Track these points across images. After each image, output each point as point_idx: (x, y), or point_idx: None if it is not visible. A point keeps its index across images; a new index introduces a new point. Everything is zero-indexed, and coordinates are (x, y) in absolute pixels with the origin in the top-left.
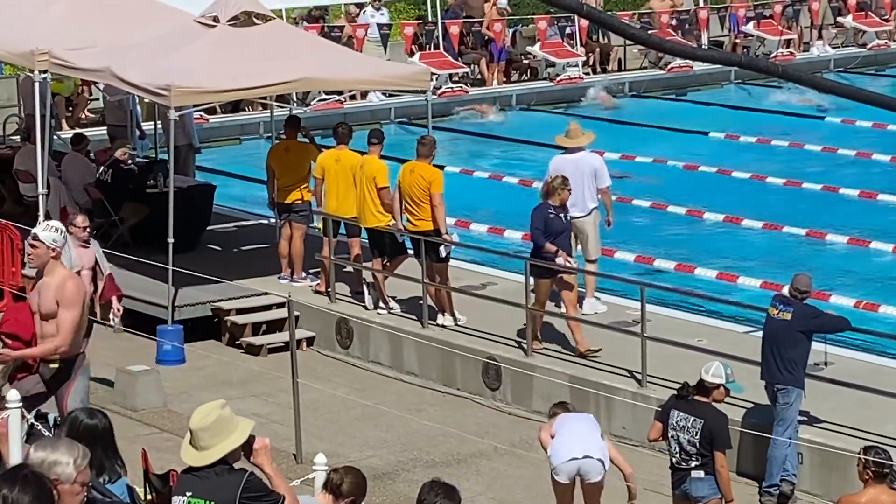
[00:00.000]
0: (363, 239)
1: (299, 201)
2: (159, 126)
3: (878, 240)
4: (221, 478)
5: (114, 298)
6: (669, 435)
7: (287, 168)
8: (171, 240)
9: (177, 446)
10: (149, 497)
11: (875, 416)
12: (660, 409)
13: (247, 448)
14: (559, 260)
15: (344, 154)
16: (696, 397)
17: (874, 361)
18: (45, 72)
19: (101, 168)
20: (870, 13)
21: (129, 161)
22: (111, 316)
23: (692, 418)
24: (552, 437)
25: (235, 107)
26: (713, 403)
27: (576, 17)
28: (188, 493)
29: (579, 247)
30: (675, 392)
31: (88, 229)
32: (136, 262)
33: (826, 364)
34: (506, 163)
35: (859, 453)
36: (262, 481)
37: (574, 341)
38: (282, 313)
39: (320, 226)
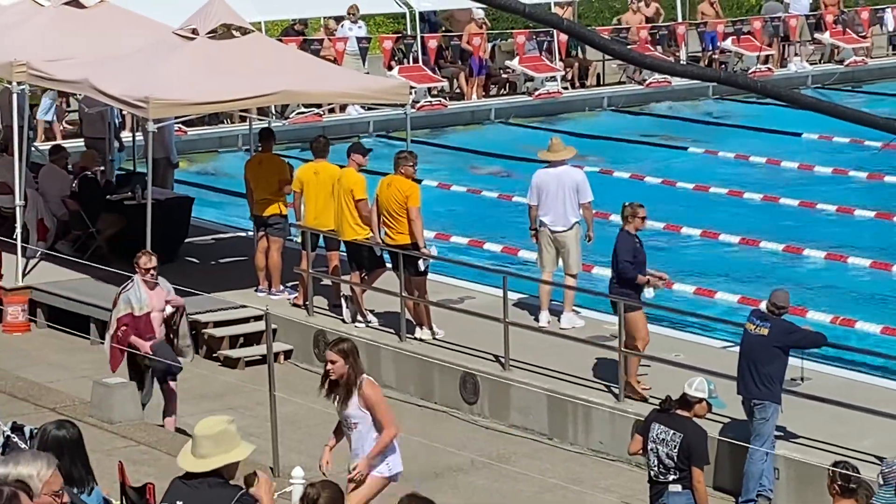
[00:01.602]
0: (342, 252)
1: (276, 214)
2: (138, 138)
3: (855, 255)
4: (215, 490)
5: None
6: (649, 448)
7: (261, 181)
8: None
9: (153, 459)
10: None
11: (851, 432)
12: (641, 422)
13: (248, 478)
14: (648, 291)
15: (322, 167)
16: (678, 411)
17: (851, 377)
18: (22, 83)
19: (75, 180)
20: (847, 30)
21: (97, 172)
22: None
23: (672, 431)
24: None
25: (214, 119)
26: (694, 418)
27: (555, 31)
28: (179, 503)
29: (560, 261)
30: (656, 406)
31: (154, 269)
32: (113, 273)
33: (803, 379)
34: (485, 177)
35: (828, 468)
36: (255, 501)
37: (630, 377)
38: (259, 326)
39: (299, 238)
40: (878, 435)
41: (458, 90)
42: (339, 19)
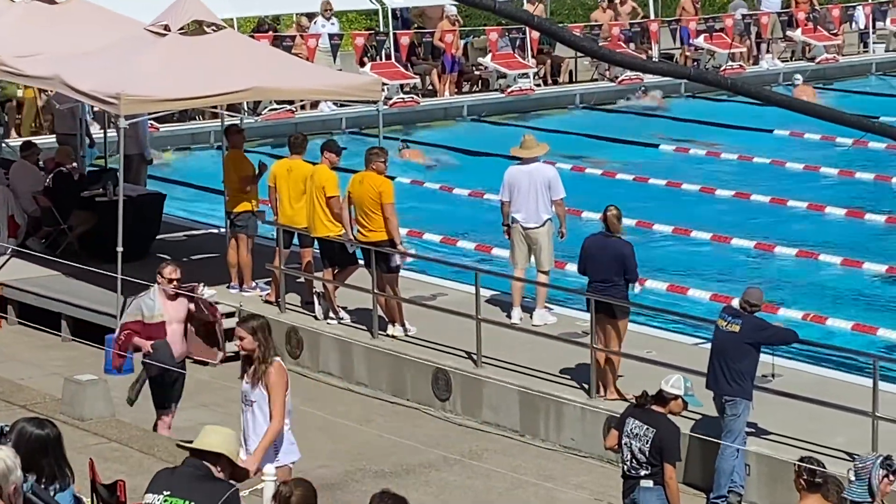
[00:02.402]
0: (315, 249)
1: (244, 212)
2: (111, 134)
3: (826, 252)
4: (206, 483)
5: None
6: (623, 442)
7: (228, 178)
8: (120, 248)
9: (124, 456)
10: None
11: (823, 428)
12: (615, 418)
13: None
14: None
15: (296, 164)
16: (654, 407)
17: (822, 374)
18: None
19: (47, 177)
20: (818, 27)
21: (71, 168)
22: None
23: (645, 427)
24: None
25: (183, 115)
26: (669, 415)
27: (527, 28)
28: (165, 492)
29: (532, 258)
30: (631, 401)
31: (177, 280)
32: (84, 270)
33: (774, 376)
34: (457, 174)
35: (794, 464)
36: (240, 500)
37: (611, 380)
38: (231, 323)
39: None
40: (849, 431)
41: (430, 87)
42: (311, 16)
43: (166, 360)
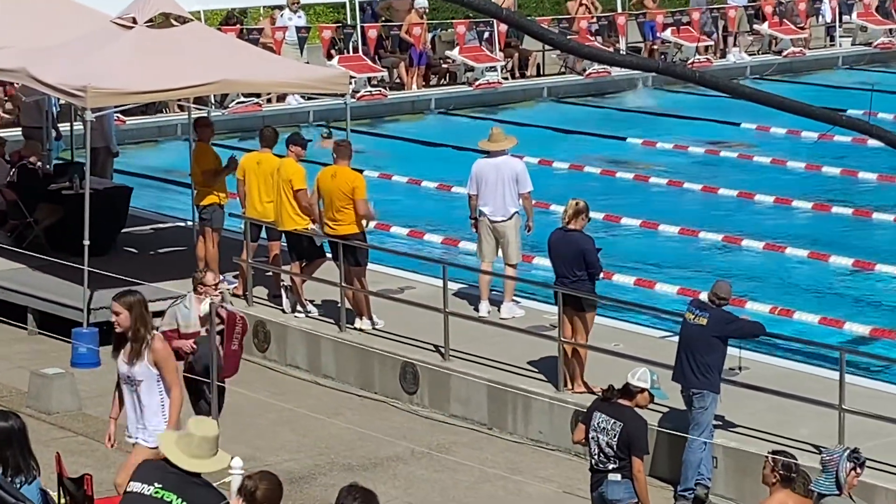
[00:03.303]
0: (283, 242)
1: (210, 205)
2: (77, 127)
3: (792, 246)
4: (198, 487)
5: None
6: (590, 436)
7: (195, 171)
8: (86, 242)
9: (91, 450)
10: (62, 501)
11: (789, 421)
12: (582, 412)
13: None
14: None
15: (265, 157)
16: (620, 400)
17: (789, 366)
18: None
19: (12, 169)
20: (785, 21)
21: (38, 163)
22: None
23: (612, 420)
24: None
25: (150, 108)
26: (635, 408)
27: (495, 21)
28: (157, 484)
29: (500, 251)
30: (596, 395)
31: (217, 282)
32: (51, 263)
33: (741, 369)
34: (424, 167)
35: (767, 456)
36: None
37: (578, 373)
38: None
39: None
40: (815, 424)
41: (398, 80)
42: (279, 8)
43: (208, 358)
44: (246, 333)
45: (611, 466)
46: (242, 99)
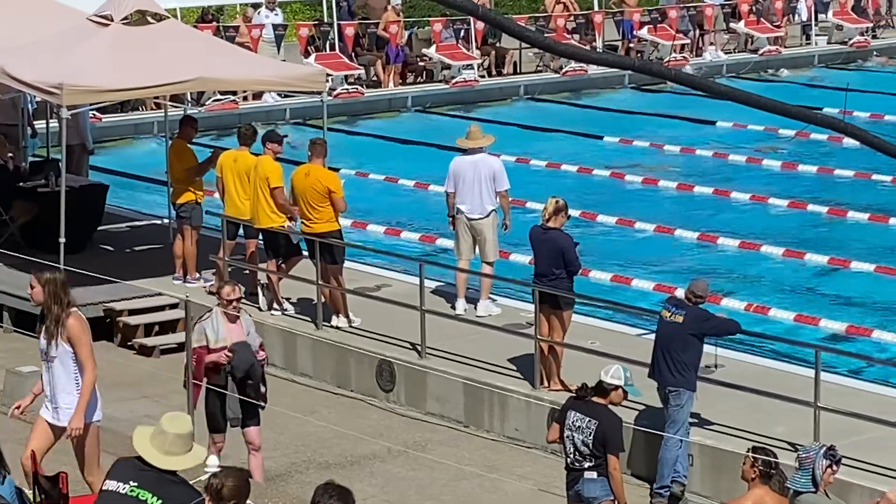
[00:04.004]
0: (260, 240)
1: (187, 202)
2: (53, 125)
3: (768, 244)
4: (176, 486)
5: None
6: (565, 435)
7: (172, 168)
8: (62, 239)
9: (67, 448)
10: (37, 500)
11: (765, 419)
12: (558, 410)
13: None
14: None
15: (242, 155)
16: (594, 399)
17: (764, 364)
18: None
19: None
20: (761, 19)
21: (13, 161)
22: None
23: (587, 419)
24: None
25: (126, 106)
26: (610, 406)
27: (471, 19)
28: (132, 483)
29: (477, 249)
30: (572, 393)
31: (238, 301)
32: (26, 261)
33: (717, 366)
34: (401, 165)
35: (747, 452)
36: None
37: (554, 371)
38: (174, 314)
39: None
40: (791, 422)
41: (374, 78)
42: (255, 6)
43: (249, 356)
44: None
45: (587, 465)
46: (219, 97)
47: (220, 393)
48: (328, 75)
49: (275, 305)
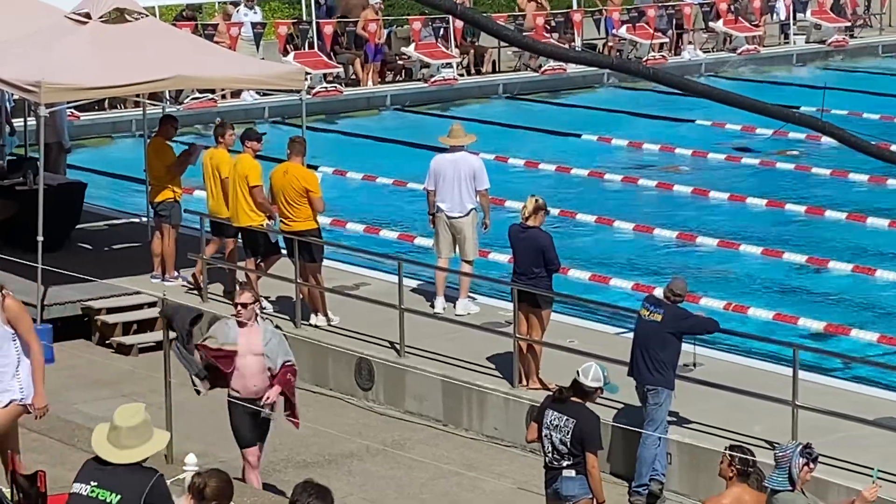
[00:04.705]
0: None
1: (165, 201)
2: (30, 122)
3: (746, 243)
4: (132, 475)
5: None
6: (543, 434)
7: (151, 166)
8: (40, 238)
9: (44, 447)
10: (16, 498)
11: (743, 417)
12: (536, 410)
13: None
14: None
15: (217, 153)
16: (572, 398)
17: (743, 363)
18: None
19: None
20: (740, 18)
21: None
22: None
23: (565, 417)
24: None
25: (104, 104)
26: (587, 404)
27: (450, 18)
28: (93, 483)
29: (457, 248)
30: (551, 392)
31: (249, 307)
32: (4, 260)
33: (695, 365)
34: (380, 163)
35: (725, 451)
36: (167, 486)
37: (533, 370)
38: (153, 312)
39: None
40: (769, 420)
41: (353, 76)
42: (234, 4)
43: (184, 317)
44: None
45: (565, 463)
46: (198, 95)
47: (240, 405)
48: (307, 74)
49: None
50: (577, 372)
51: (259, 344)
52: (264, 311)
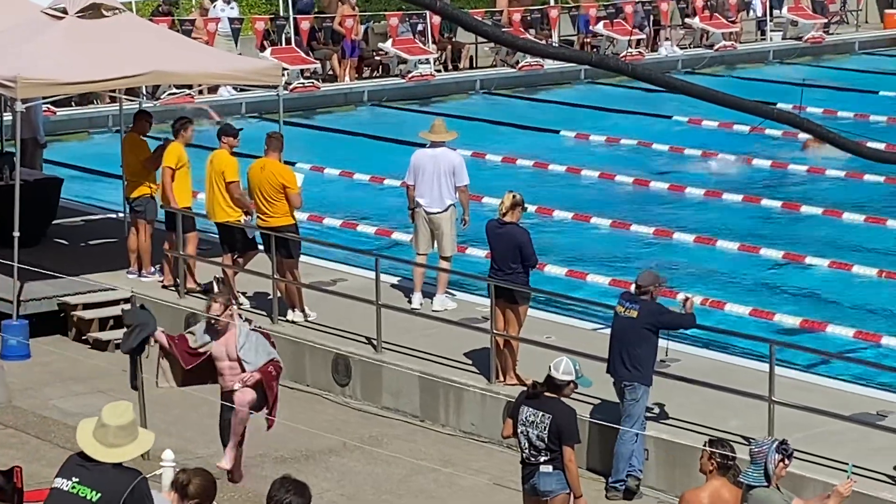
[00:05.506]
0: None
1: (141, 196)
2: (6, 118)
3: (723, 238)
4: (114, 473)
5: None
6: (519, 430)
7: (126, 162)
8: (16, 233)
9: (21, 442)
10: None
11: (719, 413)
12: (511, 406)
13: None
14: None
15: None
16: (546, 392)
17: (719, 358)
18: None
19: None
20: (716, 15)
21: None
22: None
23: (541, 413)
24: None
25: (83, 99)
26: (562, 398)
27: (428, 13)
28: (75, 479)
29: (435, 243)
30: (524, 389)
31: (223, 315)
32: None
33: (667, 359)
34: (357, 159)
35: (704, 445)
36: (149, 489)
37: (510, 365)
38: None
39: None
40: (744, 416)
41: (330, 72)
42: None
43: (146, 322)
44: (281, 373)
45: (542, 459)
46: (174, 90)
47: (231, 407)
48: (284, 69)
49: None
50: (549, 367)
51: (234, 349)
52: (241, 306)
